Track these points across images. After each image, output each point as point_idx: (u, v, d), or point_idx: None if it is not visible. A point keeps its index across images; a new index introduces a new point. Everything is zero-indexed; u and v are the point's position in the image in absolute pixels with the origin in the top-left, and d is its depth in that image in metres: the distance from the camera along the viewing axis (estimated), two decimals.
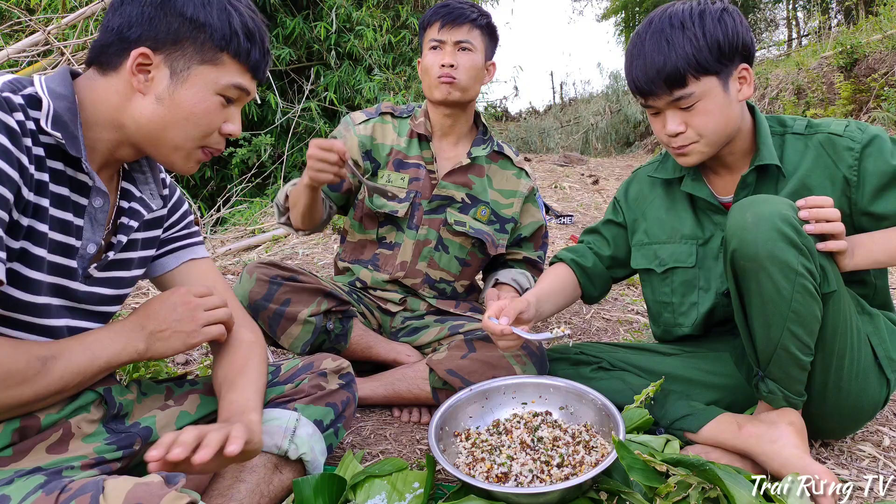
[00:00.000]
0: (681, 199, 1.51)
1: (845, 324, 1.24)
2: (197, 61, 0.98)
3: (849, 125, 1.33)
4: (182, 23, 0.96)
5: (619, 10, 19.45)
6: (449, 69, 1.74)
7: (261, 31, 1.03)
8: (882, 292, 1.40)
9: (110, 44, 0.97)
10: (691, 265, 1.46)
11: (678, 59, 1.23)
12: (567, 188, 5.86)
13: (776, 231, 1.15)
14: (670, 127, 1.31)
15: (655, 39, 1.26)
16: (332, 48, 5.52)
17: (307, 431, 1.18)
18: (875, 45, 6.70)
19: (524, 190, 1.91)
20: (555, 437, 1.30)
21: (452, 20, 1.76)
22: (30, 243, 0.92)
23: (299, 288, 1.63)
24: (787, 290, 1.16)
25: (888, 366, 1.31)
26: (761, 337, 1.23)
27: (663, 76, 1.25)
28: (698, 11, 1.26)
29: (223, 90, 1.01)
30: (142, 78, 0.97)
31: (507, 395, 1.43)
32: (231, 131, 1.05)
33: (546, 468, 1.21)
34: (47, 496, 0.79)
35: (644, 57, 1.27)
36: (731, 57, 1.26)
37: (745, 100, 1.33)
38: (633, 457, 1.15)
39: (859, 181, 1.28)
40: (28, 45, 3.82)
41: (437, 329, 1.77)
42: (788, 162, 1.36)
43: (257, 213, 4.62)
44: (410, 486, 1.24)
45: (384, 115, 1.90)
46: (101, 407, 1.07)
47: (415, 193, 1.82)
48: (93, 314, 1.06)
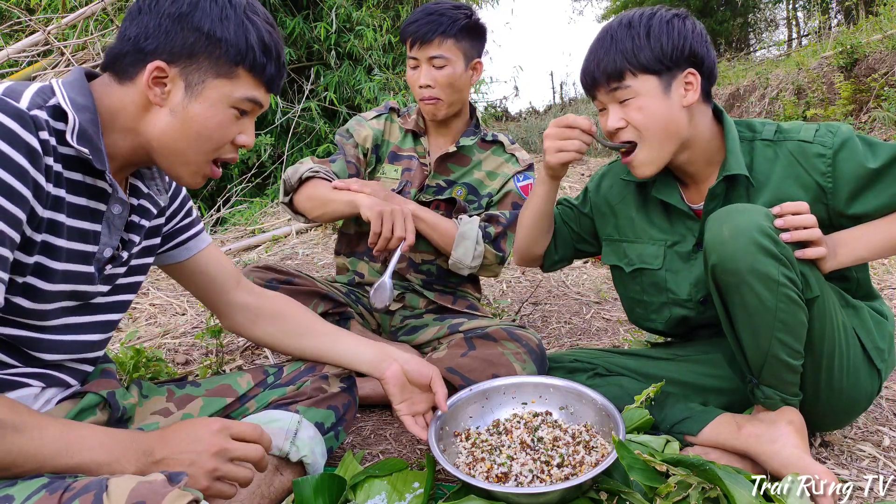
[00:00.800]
0: (653, 200, 1.50)
1: (832, 324, 1.24)
2: (212, 75, 0.97)
3: (819, 129, 1.31)
4: (198, 37, 0.95)
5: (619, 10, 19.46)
6: (428, 89, 1.73)
7: (277, 45, 1.03)
8: (864, 284, 1.40)
9: (126, 53, 0.96)
10: (657, 267, 1.47)
11: (616, 53, 1.28)
12: (567, 188, 5.86)
13: (754, 244, 1.15)
14: (610, 122, 1.33)
15: (602, 37, 1.32)
16: (332, 48, 5.52)
17: (308, 434, 1.18)
18: (875, 45, 6.70)
19: (509, 172, 1.88)
20: (555, 438, 1.30)
21: (421, 38, 1.71)
22: (45, 257, 0.91)
23: (295, 291, 1.63)
24: (770, 301, 1.16)
25: (877, 356, 1.32)
26: (751, 347, 1.23)
27: (601, 68, 1.30)
28: (649, 14, 1.31)
29: (237, 103, 1.00)
30: (158, 91, 0.96)
31: (507, 395, 1.43)
32: (244, 142, 1.05)
33: (546, 468, 1.21)
34: (51, 496, 0.80)
35: (591, 52, 1.33)
36: (674, 60, 1.28)
37: (689, 105, 1.30)
38: (633, 457, 1.15)
39: (835, 187, 1.27)
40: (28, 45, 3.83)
41: (436, 328, 1.77)
42: (758, 171, 1.35)
43: (257, 213, 4.62)
44: (410, 486, 1.24)
45: (392, 113, 1.94)
46: (105, 410, 1.07)
47: (405, 183, 1.83)
48: (103, 307, 1.06)
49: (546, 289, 2.86)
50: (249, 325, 1.31)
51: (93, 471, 0.88)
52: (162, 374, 1.77)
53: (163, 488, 0.79)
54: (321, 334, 1.31)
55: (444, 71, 1.72)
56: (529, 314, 2.53)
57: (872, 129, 5.92)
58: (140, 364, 1.75)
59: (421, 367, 1.30)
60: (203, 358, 2.04)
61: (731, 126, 1.37)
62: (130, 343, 2.11)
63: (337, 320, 1.69)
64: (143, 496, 0.77)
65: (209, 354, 2.06)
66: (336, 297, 1.71)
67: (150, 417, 1.15)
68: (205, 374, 1.84)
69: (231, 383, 1.25)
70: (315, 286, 1.68)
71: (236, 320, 1.31)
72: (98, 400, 1.05)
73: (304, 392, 1.24)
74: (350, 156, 1.85)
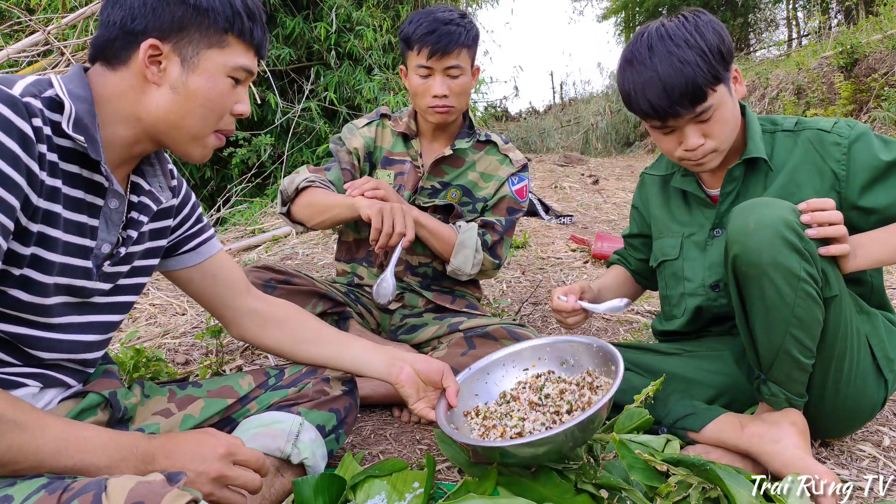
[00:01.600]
0: (675, 193, 1.55)
1: (846, 327, 1.24)
2: (205, 46, 0.98)
3: (837, 122, 1.35)
4: (186, 9, 0.96)
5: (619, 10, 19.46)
6: (444, 99, 1.72)
7: (259, 10, 1.05)
8: (878, 291, 1.40)
9: (115, 38, 0.96)
10: (675, 257, 1.51)
11: (696, 75, 1.25)
12: (567, 188, 5.86)
13: (779, 237, 1.15)
14: (691, 142, 1.31)
15: (668, 62, 1.26)
16: (332, 48, 5.52)
17: (310, 436, 1.18)
18: (875, 45, 6.70)
19: (504, 175, 1.89)
20: (561, 391, 1.31)
21: (441, 49, 1.68)
22: (42, 249, 0.91)
23: (294, 291, 1.63)
24: (790, 295, 1.16)
25: (886, 366, 1.31)
26: (763, 341, 1.23)
27: (688, 95, 1.25)
28: (693, 27, 1.28)
29: (232, 72, 1.01)
30: (154, 69, 0.96)
31: (507, 366, 1.43)
32: (242, 111, 1.06)
33: (556, 417, 1.22)
34: (49, 495, 0.79)
35: (661, 80, 1.26)
36: (728, 61, 1.30)
37: (741, 98, 1.37)
38: (633, 456, 1.15)
39: (848, 175, 1.30)
40: (28, 45, 3.83)
41: (435, 327, 1.77)
42: (777, 158, 1.39)
43: (257, 213, 4.62)
44: (410, 486, 1.24)
45: (383, 119, 1.93)
46: (106, 410, 1.07)
47: (399, 187, 1.83)
48: (104, 307, 1.06)
49: (546, 289, 2.86)
50: (258, 331, 1.30)
51: (91, 473, 0.87)
52: (162, 374, 1.77)
53: (162, 488, 0.79)
54: (329, 341, 1.31)
55: (459, 80, 1.73)
56: (529, 314, 2.53)
57: (872, 129, 5.92)
58: (140, 364, 1.75)
59: (430, 365, 1.30)
60: (203, 358, 2.04)
61: (752, 115, 1.42)
62: (130, 343, 2.11)
63: (336, 320, 1.69)
64: (142, 496, 0.77)
65: (209, 354, 2.07)
66: (335, 297, 1.71)
67: (152, 418, 1.15)
68: (205, 374, 1.84)
69: (232, 384, 1.25)
70: (314, 286, 1.68)
71: (244, 326, 1.30)
72: (99, 400, 1.05)
73: (306, 394, 1.24)
74: (345, 162, 1.86)
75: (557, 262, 3.33)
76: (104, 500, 0.77)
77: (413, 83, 1.76)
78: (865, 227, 1.30)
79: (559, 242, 3.75)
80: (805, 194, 1.32)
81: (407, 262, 1.86)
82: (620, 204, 5.15)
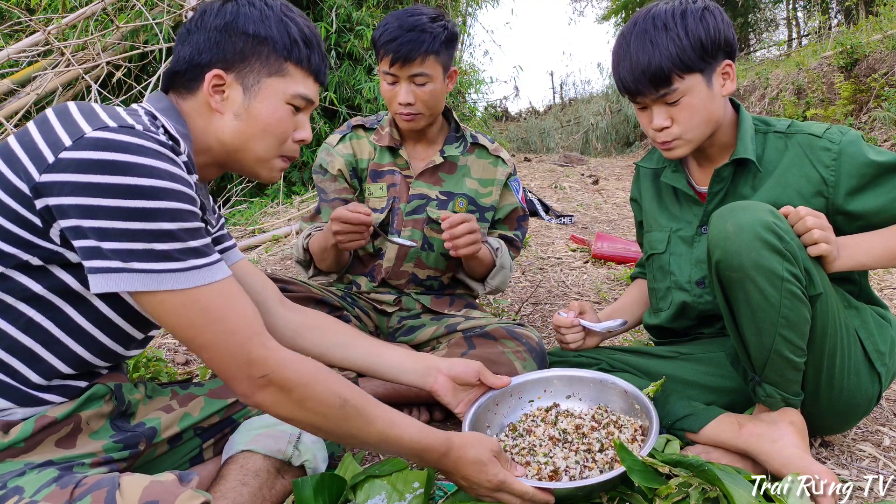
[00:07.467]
0: (666, 188, 1.56)
1: (834, 324, 1.25)
2: (265, 74, 1.04)
3: (829, 128, 1.36)
4: (246, 40, 1.02)
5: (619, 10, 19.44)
6: (408, 107, 1.69)
7: (316, 36, 1.09)
8: (865, 289, 1.41)
9: (184, 71, 1.03)
10: (661, 251, 1.52)
11: (662, 58, 1.27)
12: (567, 188, 5.86)
13: (758, 239, 1.15)
14: (656, 122, 1.34)
15: (640, 40, 1.29)
16: (332, 48, 5.52)
17: (311, 438, 1.19)
18: (875, 45, 6.69)
19: (501, 177, 1.88)
20: (576, 426, 1.31)
21: (403, 58, 1.61)
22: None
23: (289, 297, 1.63)
24: (774, 297, 1.16)
25: (878, 359, 1.32)
26: (754, 344, 1.23)
27: (648, 75, 1.28)
28: (680, 11, 1.29)
29: (291, 99, 1.06)
30: (218, 98, 1.03)
31: (513, 397, 1.42)
32: (303, 137, 1.11)
33: (589, 456, 1.22)
34: (62, 490, 0.80)
35: (630, 57, 1.30)
36: (713, 54, 1.30)
37: (728, 95, 1.36)
38: (633, 458, 1.15)
39: (836, 180, 1.31)
40: (28, 45, 3.83)
41: (433, 327, 1.77)
42: (767, 159, 1.39)
43: (257, 213, 4.62)
44: (410, 486, 1.23)
45: (356, 130, 1.89)
46: (111, 402, 1.07)
47: (393, 199, 1.82)
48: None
49: (546, 289, 2.87)
50: (292, 338, 1.29)
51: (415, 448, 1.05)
52: (162, 374, 1.77)
53: (175, 488, 0.79)
54: (364, 346, 1.32)
55: (425, 88, 1.67)
56: (529, 314, 2.53)
57: (872, 129, 5.92)
58: (140, 364, 1.76)
59: (466, 368, 1.32)
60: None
61: (746, 115, 1.42)
62: None
63: None
64: (156, 495, 0.78)
65: None
66: (331, 301, 1.71)
67: (153, 413, 1.16)
68: (205, 374, 1.84)
69: None
70: (310, 292, 1.69)
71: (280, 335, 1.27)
72: (105, 391, 1.06)
73: None
74: (333, 193, 1.84)
75: (557, 263, 3.33)
76: (118, 497, 0.78)
77: (382, 89, 1.73)
78: (850, 232, 1.31)
79: (559, 242, 3.75)
80: (792, 197, 1.33)
81: (413, 274, 1.85)
82: (620, 204, 5.16)
